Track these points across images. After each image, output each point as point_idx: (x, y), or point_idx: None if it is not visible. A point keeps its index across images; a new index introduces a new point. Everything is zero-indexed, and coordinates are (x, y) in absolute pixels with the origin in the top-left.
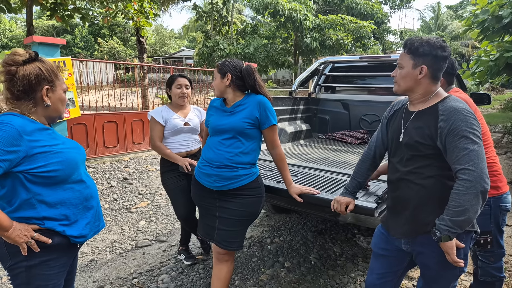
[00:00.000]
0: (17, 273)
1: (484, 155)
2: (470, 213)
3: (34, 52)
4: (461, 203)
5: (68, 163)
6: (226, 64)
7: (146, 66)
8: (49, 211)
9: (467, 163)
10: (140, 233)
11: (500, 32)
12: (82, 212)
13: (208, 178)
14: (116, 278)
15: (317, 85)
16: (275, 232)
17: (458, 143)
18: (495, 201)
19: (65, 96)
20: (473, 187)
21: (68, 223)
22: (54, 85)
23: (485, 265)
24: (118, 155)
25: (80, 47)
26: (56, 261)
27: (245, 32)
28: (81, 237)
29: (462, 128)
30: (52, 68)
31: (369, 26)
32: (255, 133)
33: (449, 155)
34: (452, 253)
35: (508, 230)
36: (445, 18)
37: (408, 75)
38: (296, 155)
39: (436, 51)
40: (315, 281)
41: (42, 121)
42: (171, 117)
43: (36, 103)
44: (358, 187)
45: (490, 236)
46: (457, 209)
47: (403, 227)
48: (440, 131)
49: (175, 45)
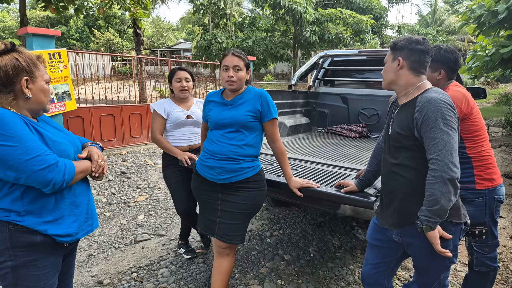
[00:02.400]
0: (4, 274)
1: (453, 144)
2: (442, 202)
3: (11, 43)
4: (432, 192)
5: (59, 155)
6: (247, 58)
7: (143, 59)
8: (31, 205)
9: (435, 152)
10: (139, 227)
11: (496, 27)
12: (69, 209)
13: (212, 170)
14: (115, 273)
15: (316, 79)
16: (274, 225)
17: (430, 133)
18: (490, 193)
19: (48, 87)
20: (440, 176)
21: (51, 220)
22: (34, 76)
23: (480, 255)
24: (116, 148)
25: (75, 38)
26: (43, 261)
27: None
28: (66, 236)
29: (432, 117)
30: (30, 58)
31: (368, 21)
32: (257, 126)
33: (424, 145)
34: (436, 243)
35: (502, 221)
36: (442, 12)
37: (388, 69)
38: (295, 148)
39: (411, 45)
40: (314, 273)
41: (26, 114)
42: (173, 110)
43: (16, 96)
44: (371, 177)
45: (485, 227)
46: (430, 198)
47: (392, 217)
48: (416, 121)
49: (173, 38)
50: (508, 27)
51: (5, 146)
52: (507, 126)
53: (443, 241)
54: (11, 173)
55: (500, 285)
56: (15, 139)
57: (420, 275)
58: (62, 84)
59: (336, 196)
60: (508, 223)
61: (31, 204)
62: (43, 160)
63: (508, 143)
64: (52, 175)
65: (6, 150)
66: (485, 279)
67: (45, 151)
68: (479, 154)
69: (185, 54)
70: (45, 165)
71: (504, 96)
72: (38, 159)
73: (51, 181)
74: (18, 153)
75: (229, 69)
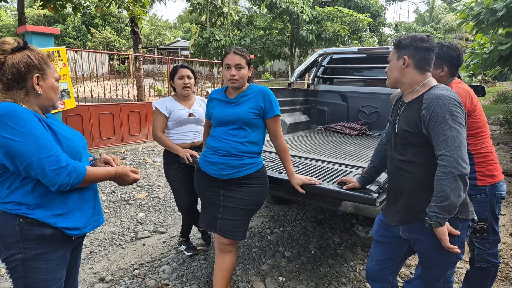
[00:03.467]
0: (13, 266)
1: (462, 140)
2: (452, 198)
3: (23, 41)
4: (442, 188)
5: (69, 151)
6: (249, 55)
7: (141, 57)
8: (42, 198)
9: (444, 148)
10: (139, 224)
11: (494, 25)
12: (78, 203)
13: (214, 166)
14: (117, 270)
15: (316, 77)
16: (274, 222)
17: (438, 129)
18: (491, 189)
19: (57, 85)
20: (450, 172)
21: (61, 213)
22: (45, 73)
23: (482, 251)
24: (115, 146)
25: (73, 37)
26: (52, 254)
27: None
28: (75, 229)
29: (440, 114)
30: (42, 56)
31: (365, 19)
32: (260, 123)
33: (433, 141)
34: (445, 239)
35: (501, 218)
36: (440, 10)
37: (393, 67)
38: (295, 146)
39: (416, 43)
40: (315, 270)
41: (37, 110)
42: (175, 108)
43: (27, 92)
44: (374, 173)
45: (486, 223)
46: (440, 194)
47: (399, 214)
48: (423, 118)
49: (170, 36)
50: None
51: (19, 142)
52: (505, 124)
53: (451, 237)
54: (22, 168)
55: (500, 282)
56: (30, 136)
57: (426, 270)
58: (61, 82)
59: (338, 192)
60: (508, 220)
61: (41, 197)
62: (55, 161)
63: (506, 141)
64: (60, 178)
65: (19, 146)
66: (486, 275)
67: (57, 151)
68: (481, 151)
69: (183, 52)
70: (56, 166)
71: (501, 94)
72: (50, 159)
73: (57, 182)
74: (31, 150)
75: (231, 67)
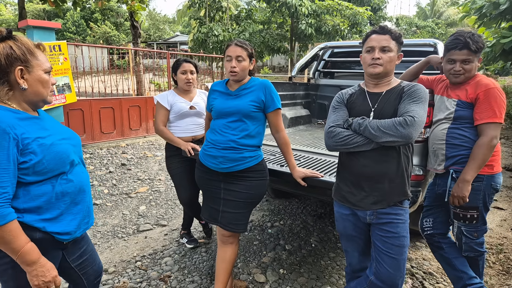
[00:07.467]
0: (3, 270)
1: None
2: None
3: (7, 29)
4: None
5: (58, 157)
6: (251, 48)
7: (140, 52)
8: (30, 203)
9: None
10: (141, 217)
11: (497, 18)
12: (69, 206)
13: (214, 160)
14: (120, 261)
15: (317, 71)
16: (275, 216)
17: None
18: (488, 179)
19: (47, 77)
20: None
21: (50, 218)
22: (30, 65)
23: (469, 240)
24: (115, 141)
25: (72, 31)
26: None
27: (239, 17)
28: (65, 234)
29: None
30: (27, 46)
31: (365, 12)
32: (260, 116)
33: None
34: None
35: (502, 213)
36: (441, 4)
37: (393, 60)
38: (296, 139)
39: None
40: (316, 263)
41: (25, 107)
42: (176, 101)
43: (11, 87)
44: None
45: (476, 212)
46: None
47: (375, 197)
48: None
49: (169, 31)
50: (509, 18)
51: None
52: (507, 119)
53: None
54: None
55: (502, 276)
56: None
57: (388, 252)
58: (62, 77)
59: None
60: (509, 215)
61: (30, 202)
62: None
63: (508, 136)
64: None
65: None
66: (474, 265)
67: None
68: None
69: (182, 47)
70: None
71: (503, 89)
72: None
73: None
74: None
75: (232, 59)
